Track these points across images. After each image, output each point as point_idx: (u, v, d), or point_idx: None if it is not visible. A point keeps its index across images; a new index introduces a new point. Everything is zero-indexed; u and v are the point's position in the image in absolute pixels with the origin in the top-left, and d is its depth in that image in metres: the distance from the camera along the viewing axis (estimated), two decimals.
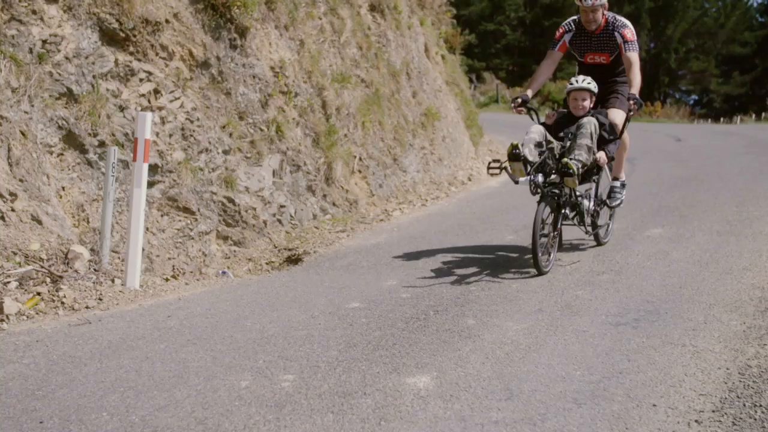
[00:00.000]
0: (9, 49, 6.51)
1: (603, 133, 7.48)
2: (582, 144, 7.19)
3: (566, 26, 8.22)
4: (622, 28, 7.87)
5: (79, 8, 7.19)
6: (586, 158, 7.17)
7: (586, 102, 7.54)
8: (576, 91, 7.58)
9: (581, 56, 8.24)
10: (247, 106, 9.23)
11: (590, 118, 7.39)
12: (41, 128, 6.78)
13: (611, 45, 7.96)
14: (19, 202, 6.30)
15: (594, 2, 7.74)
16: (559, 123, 7.65)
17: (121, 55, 7.65)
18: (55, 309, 5.80)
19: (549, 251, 7.18)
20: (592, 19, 7.86)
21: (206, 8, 8.84)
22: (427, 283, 6.82)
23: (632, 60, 7.74)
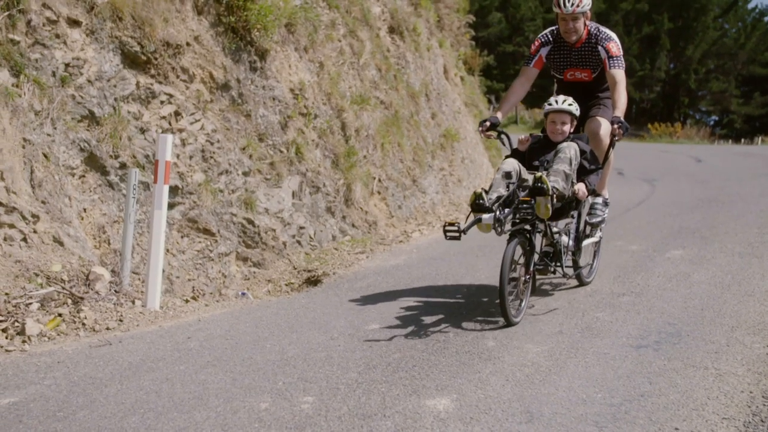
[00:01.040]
0: (32, 72, 6.58)
1: (584, 161, 6.60)
2: (559, 170, 6.28)
3: (543, 38, 7.30)
4: (606, 41, 6.99)
5: (102, 32, 7.27)
6: (563, 186, 6.20)
7: (566, 126, 6.65)
8: (554, 113, 6.68)
9: (560, 73, 7.37)
10: (267, 128, 9.27)
11: (570, 143, 6.53)
12: (63, 150, 6.84)
13: (594, 60, 7.10)
14: (41, 224, 6.34)
15: (575, 8, 6.84)
16: (534, 149, 6.76)
17: (143, 78, 7.71)
18: (76, 330, 5.83)
19: (520, 297, 6.24)
20: (573, 29, 6.97)
21: (227, 31, 8.90)
22: (446, 305, 6.80)
23: (617, 78, 6.86)
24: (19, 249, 6.15)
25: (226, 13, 8.86)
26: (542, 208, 5.92)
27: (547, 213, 5.94)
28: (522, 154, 6.75)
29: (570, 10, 6.85)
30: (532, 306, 6.62)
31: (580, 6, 6.86)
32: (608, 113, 7.00)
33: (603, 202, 7.45)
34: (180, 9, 8.30)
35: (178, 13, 8.24)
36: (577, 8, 6.85)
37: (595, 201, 7.36)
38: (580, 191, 6.51)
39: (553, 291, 7.19)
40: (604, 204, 7.48)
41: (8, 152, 6.20)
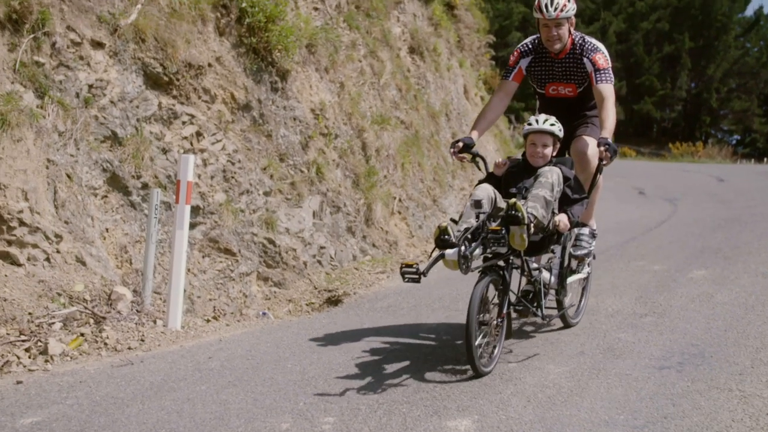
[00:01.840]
0: (57, 94, 6.64)
1: (567, 189, 5.84)
2: (538, 195, 5.54)
3: (523, 48, 6.57)
4: (592, 52, 6.27)
5: (125, 53, 7.34)
6: (542, 215, 5.48)
7: (548, 149, 5.91)
8: (535, 134, 5.94)
9: (541, 87, 6.62)
10: (288, 148, 9.31)
11: (553, 167, 5.80)
12: (86, 171, 6.90)
13: (579, 73, 6.38)
14: (64, 244, 6.39)
15: (558, 13, 6.15)
16: (511, 174, 6.01)
17: (165, 99, 7.77)
18: (98, 350, 5.85)
19: (492, 343, 5.47)
20: (556, 37, 6.25)
21: (248, 52, 8.96)
22: None
23: (605, 93, 6.13)
24: (42, 269, 6.19)
25: (248, 35, 8.92)
26: (517, 238, 5.23)
27: (523, 244, 5.23)
28: (498, 180, 6.04)
29: (553, 15, 6.16)
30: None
31: (564, 11, 6.17)
32: (597, 133, 6.25)
33: (590, 234, 6.70)
34: (202, 30, 8.37)
35: (200, 34, 8.31)
36: (561, 13, 6.16)
37: (581, 232, 6.62)
38: (561, 223, 5.71)
39: None
40: (591, 236, 6.72)
41: (32, 173, 6.26)
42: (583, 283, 7.00)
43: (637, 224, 13.97)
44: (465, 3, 18.70)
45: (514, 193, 5.75)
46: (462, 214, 5.54)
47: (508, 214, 5.18)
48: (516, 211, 5.14)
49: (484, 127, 6.54)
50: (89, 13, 7.06)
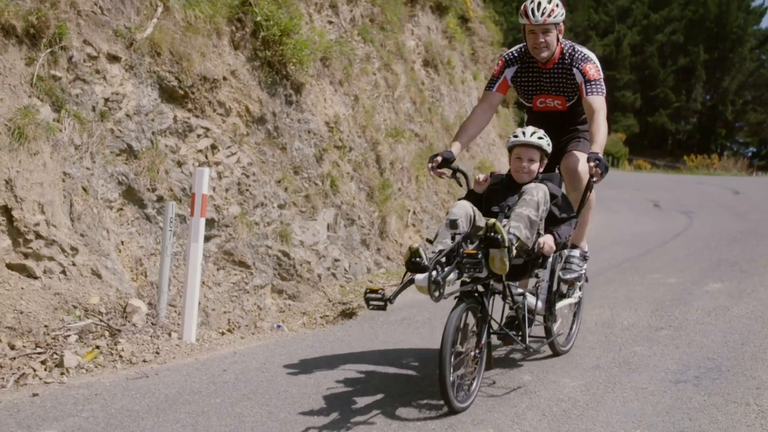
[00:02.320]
0: (73, 107, 6.68)
1: (554, 208, 5.38)
2: (522, 214, 5.08)
3: (508, 57, 6.17)
4: (583, 62, 5.86)
5: (140, 67, 7.38)
6: (526, 235, 5.03)
7: (535, 164, 5.46)
8: (521, 147, 5.48)
9: (528, 99, 6.23)
10: (302, 161, 9.33)
11: (539, 184, 5.34)
12: (102, 184, 6.93)
13: (569, 85, 5.96)
14: (80, 257, 6.41)
15: (546, 18, 5.73)
16: (494, 192, 5.54)
17: (180, 112, 7.81)
18: (113, 362, 5.86)
19: (471, 376, 5.01)
20: (544, 44, 5.82)
21: (263, 65, 9.00)
22: None
23: (595, 106, 5.69)
24: (58, 281, 6.22)
25: (263, 48, 8.96)
26: (497, 262, 4.73)
27: (503, 269, 4.73)
28: (479, 198, 5.58)
29: (540, 20, 5.72)
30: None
31: (552, 15, 5.75)
32: (588, 148, 5.77)
33: (581, 256, 6.22)
34: (217, 44, 8.41)
35: (215, 48, 8.35)
36: (549, 18, 5.73)
37: (572, 254, 6.16)
38: (546, 245, 5.19)
39: (588, 323, 7.12)
40: (582, 258, 6.24)
41: (49, 186, 6.29)
42: (574, 308, 6.53)
43: (653, 237, 13.92)
44: (479, 16, 18.73)
45: (496, 212, 5.32)
46: (437, 234, 5.09)
47: (487, 236, 4.69)
48: (495, 233, 4.65)
49: (465, 141, 6.02)
50: (106, 27, 7.11)
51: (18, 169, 6.00)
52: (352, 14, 11.92)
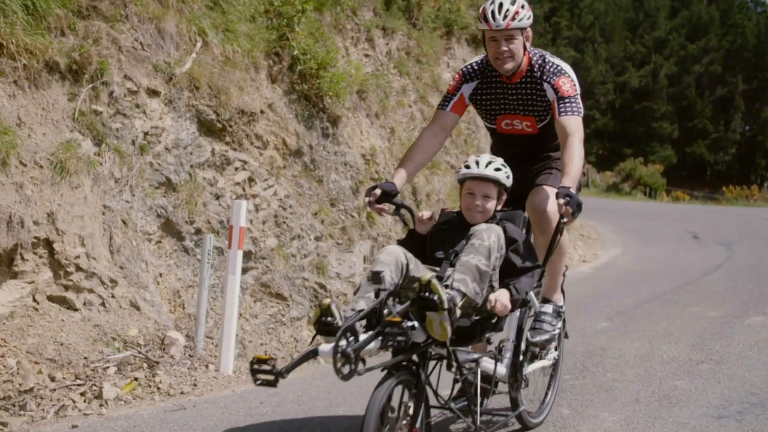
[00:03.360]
0: (113, 141, 6.78)
1: (512, 255, 4.36)
2: (469, 265, 4.07)
3: (466, 70, 5.14)
4: (555, 75, 4.87)
5: (179, 101, 7.47)
6: (474, 290, 4.01)
7: (490, 202, 4.50)
8: (473, 180, 4.52)
9: (492, 121, 5.19)
10: (339, 193, 9.37)
11: (492, 226, 4.30)
12: (141, 216, 7.00)
13: (539, 103, 4.96)
14: (119, 289, 6.47)
15: (509, 22, 4.71)
16: (440, 233, 4.61)
17: (218, 145, 7.88)
18: (151, 394, 5.89)
19: None
20: (507, 54, 4.79)
21: (300, 99, 9.08)
22: None
23: (570, 129, 4.69)
24: (97, 313, 6.28)
25: (300, 81, 9.04)
26: (435, 327, 3.77)
27: (444, 335, 3.76)
28: (422, 240, 4.66)
29: (502, 24, 4.71)
30: None
31: (517, 19, 4.73)
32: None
33: (554, 312, 5.18)
34: (255, 78, 8.50)
35: (252, 81, 8.44)
36: (513, 22, 4.72)
37: (543, 310, 5.14)
38: (498, 303, 4.12)
39: (627, 356, 7.03)
40: (556, 315, 5.19)
41: (89, 219, 6.38)
42: (549, 371, 5.48)
43: (692, 269, 13.77)
44: None
45: (442, 258, 4.36)
46: (358, 288, 4.20)
47: (421, 296, 3.68)
48: (431, 293, 3.66)
49: (411, 170, 5.01)
50: (146, 63, 7.22)
51: (59, 202, 6.09)
52: (388, 47, 12.00)
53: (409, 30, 12.83)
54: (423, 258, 4.43)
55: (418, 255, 4.41)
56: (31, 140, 5.98)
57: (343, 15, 10.89)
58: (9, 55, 5.99)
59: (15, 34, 5.99)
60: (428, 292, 3.67)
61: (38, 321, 5.82)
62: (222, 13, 8.28)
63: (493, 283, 4.24)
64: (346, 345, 3.52)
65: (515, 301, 4.24)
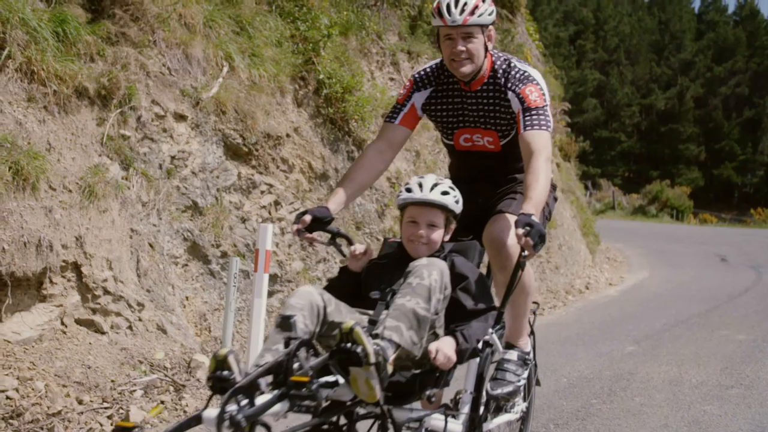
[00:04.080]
0: (141, 165, 6.84)
1: (461, 295, 3.67)
2: (405, 307, 3.37)
3: (418, 77, 4.43)
4: (521, 83, 4.17)
5: (206, 125, 7.54)
6: (410, 340, 3.33)
7: (436, 232, 3.81)
8: (415, 206, 3.83)
9: (449, 135, 4.50)
10: (364, 216, 9.38)
11: (435, 260, 3.59)
12: (168, 240, 7.05)
13: (502, 115, 4.26)
14: (146, 312, 6.51)
15: (467, 18, 4.02)
16: (377, 269, 3.92)
17: (244, 169, 7.93)
18: (177, 417, 5.90)
19: None
20: (465, 56, 4.09)
21: (325, 122, 9.12)
22: (546, 395, 6.66)
23: (535, 145, 4.00)
24: (124, 336, 6.31)
25: (325, 105, 9.09)
26: (361, 386, 3.08)
27: (372, 394, 3.07)
28: (354, 278, 3.96)
29: (459, 19, 4.02)
30: None
31: (476, 14, 4.04)
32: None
33: (519, 359, 4.38)
34: (281, 102, 8.56)
35: (278, 105, 8.50)
36: (472, 17, 4.03)
37: (506, 357, 4.36)
38: (440, 354, 3.39)
39: (655, 381, 6.97)
40: (522, 362, 4.38)
41: (117, 242, 6.43)
42: (518, 425, 4.68)
43: (720, 292, 13.64)
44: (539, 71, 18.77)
45: (377, 299, 3.68)
46: (266, 338, 3.58)
47: (342, 347, 3.01)
48: (354, 344, 3.00)
49: (351, 192, 4.30)
50: (173, 88, 7.29)
51: (88, 226, 6.15)
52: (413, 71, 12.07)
53: (434, 53, 12.86)
54: (356, 300, 3.78)
55: (352, 296, 3.79)
56: (60, 165, 6.04)
57: (369, 39, 10.96)
58: (39, 81, 6.08)
59: (46, 60, 6.07)
60: (350, 343, 3.00)
61: (66, 344, 5.86)
62: (248, 38, 8.36)
63: (437, 329, 3.55)
64: (237, 410, 2.79)
65: (463, 352, 3.51)
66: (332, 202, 4.16)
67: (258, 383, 2.94)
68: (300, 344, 3.05)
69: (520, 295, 4.22)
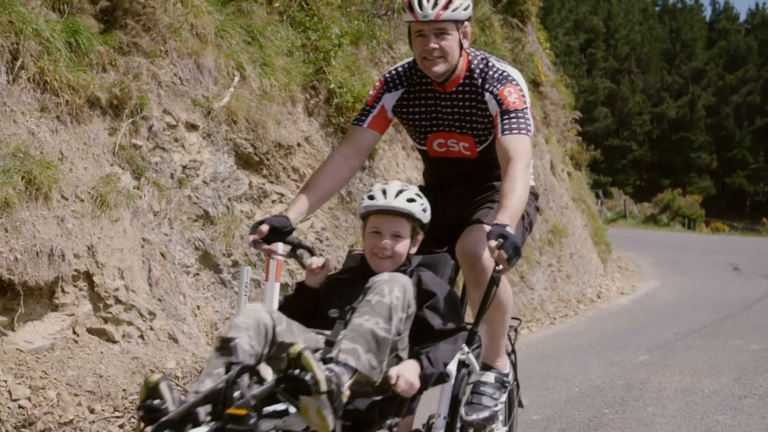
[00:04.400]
0: (152, 175, 6.87)
1: (428, 314, 3.38)
2: (363, 328, 3.08)
3: (389, 77, 4.13)
4: (500, 83, 3.86)
5: (217, 135, 7.56)
6: (369, 365, 3.04)
7: (401, 243, 3.51)
8: (379, 215, 3.55)
9: (421, 140, 4.20)
10: None
11: (397, 275, 3.28)
12: (179, 249, 7.06)
13: (479, 119, 3.95)
14: (157, 321, 6.52)
15: (440, 11, 3.71)
16: (337, 285, 3.63)
17: (255, 178, 7.95)
18: None
19: None
20: (438, 55, 3.79)
21: (336, 131, 9.13)
22: (557, 405, 6.65)
23: (513, 152, 3.69)
24: (136, 346, 6.33)
25: (336, 114, 9.11)
26: (312, 416, 2.79)
27: (324, 425, 2.79)
28: (312, 294, 3.67)
29: (431, 14, 3.72)
30: None
31: (450, 8, 3.73)
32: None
33: (497, 382, 4.06)
34: (292, 111, 8.58)
35: (289, 115, 8.52)
36: (445, 11, 3.73)
37: (483, 379, 4.06)
38: (401, 380, 3.11)
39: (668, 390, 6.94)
40: (500, 385, 4.07)
41: (128, 252, 6.44)
42: None
43: (733, 301, 13.59)
44: (550, 80, 18.77)
45: (335, 318, 3.37)
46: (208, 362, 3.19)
47: (289, 374, 2.74)
48: (303, 371, 2.73)
49: (314, 200, 4.02)
50: (184, 97, 7.32)
51: (99, 235, 6.17)
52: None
53: None
54: (314, 319, 3.50)
55: (310, 315, 3.53)
56: (72, 174, 6.07)
57: (379, 48, 10.97)
58: (52, 91, 6.11)
59: (58, 70, 6.11)
60: (298, 370, 2.72)
61: (78, 353, 5.87)
62: (259, 47, 8.38)
63: (400, 352, 3.25)
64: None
65: (427, 377, 3.22)
66: (292, 211, 3.88)
67: (196, 413, 2.70)
68: (241, 370, 2.79)
69: (496, 313, 3.93)
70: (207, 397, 2.73)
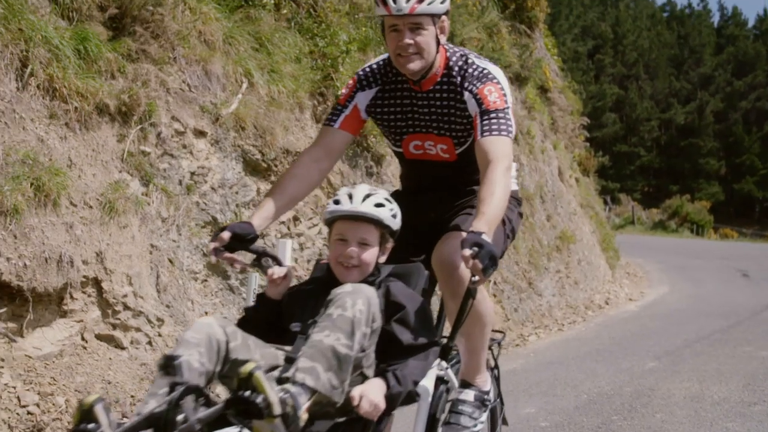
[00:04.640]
0: (161, 181, 6.88)
1: (396, 328, 3.16)
2: (322, 344, 2.87)
3: (363, 75, 3.88)
4: (479, 81, 3.63)
5: (225, 141, 7.57)
6: (329, 384, 2.83)
7: (369, 251, 3.29)
8: (345, 221, 3.32)
9: (397, 142, 3.96)
10: None
11: (361, 287, 3.07)
12: (187, 256, 7.07)
13: (457, 119, 3.73)
14: (165, 327, 6.53)
15: (414, 5, 3.47)
16: (300, 296, 3.43)
17: (263, 184, 7.95)
18: None
19: None
20: (413, 50, 3.55)
21: None
22: (566, 412, 6.63)
23: (493, 154, 3.48)
24: (144, 352, 6.33)
25: None
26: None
27: None
28: (274, 307, 3.46)
29: (405, 7, 3.47)
30: None
31: (425, 1, 3.49)
32: None
33: (476, 400, 3.83)
34: (299, 118, 8.59)
35: (297, 121, 8.53)
36: (420, 5, 3.48)
37: (462, 397, 3.82)
38: (364, 401, 2.90)
39: (676, 397, 6.92)
40: (480, 404, 3.83)
41: (137, 258, 6.46)
42: None
43: (742, 308, 13.54)
44: (558, 86, 18.77)
45: (297, 332, 3.14)
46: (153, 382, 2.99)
47: (239, 396, 2.53)
48: (255, 392, 2.53)
49: (281, 205, 3.74)
50: (193, 104, 7.34)
51: (108, 242, 6.18)
52: None
53: None
54: (275, 333, 3.28)
55: (271, 329, 3.31)
56: (81, 181, 6.08)
57: None
58: (61, 98, 6.13)
59: (67, 77, 6.13)
60: (249, 391, 2.52)
61: (86, 359, 5.88)
62: (267, 54, 8.40)
63: (365, 369, 3.03)
64: None
65: (394, 396, 3.00)
66: (257, 216, 3.64)
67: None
68: (185, 391, 2.57)
69: (475, 327, 3.67)
70: (147, 420, 2.54)
